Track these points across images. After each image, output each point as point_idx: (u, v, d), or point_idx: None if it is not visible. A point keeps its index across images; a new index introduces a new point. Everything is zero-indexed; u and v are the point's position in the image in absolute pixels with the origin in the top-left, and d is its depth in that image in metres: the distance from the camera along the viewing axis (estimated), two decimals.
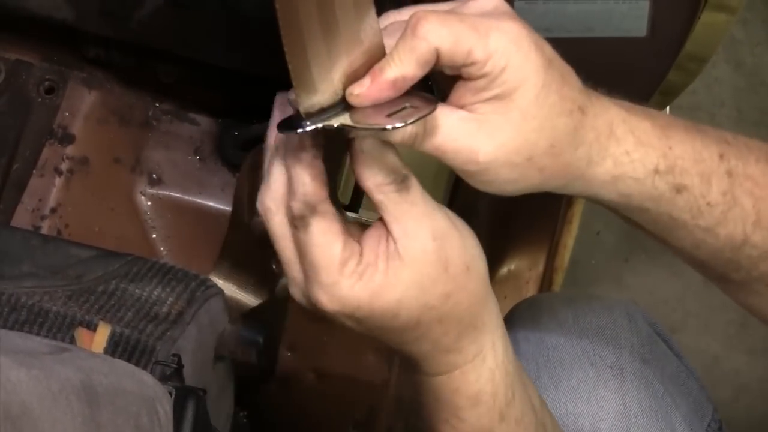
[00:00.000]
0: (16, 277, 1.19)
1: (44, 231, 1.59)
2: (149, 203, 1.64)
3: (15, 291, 1.15)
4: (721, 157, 0.88)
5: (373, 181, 0.78)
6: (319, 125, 0.75)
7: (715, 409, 1.27)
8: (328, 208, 0.79)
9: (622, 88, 0.86)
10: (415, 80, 0.77)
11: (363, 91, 0.76)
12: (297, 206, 0.79)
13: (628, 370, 1.21)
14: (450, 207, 1.27)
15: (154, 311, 1.19)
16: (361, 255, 0.80)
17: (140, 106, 1.67)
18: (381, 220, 0.80)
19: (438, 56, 0.77)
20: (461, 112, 0.79)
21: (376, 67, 0.76)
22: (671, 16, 1.13)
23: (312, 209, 0.78)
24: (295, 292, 0.84)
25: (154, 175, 1.65)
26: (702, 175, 0.86)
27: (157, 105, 1.67)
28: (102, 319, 1.14)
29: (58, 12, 1.43)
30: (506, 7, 0.82)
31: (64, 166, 1.63)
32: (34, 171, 1.62)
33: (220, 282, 1.32)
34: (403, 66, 0.76)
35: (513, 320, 1.31)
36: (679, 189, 0.86)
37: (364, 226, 0.82)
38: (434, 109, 0.76)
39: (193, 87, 1.64)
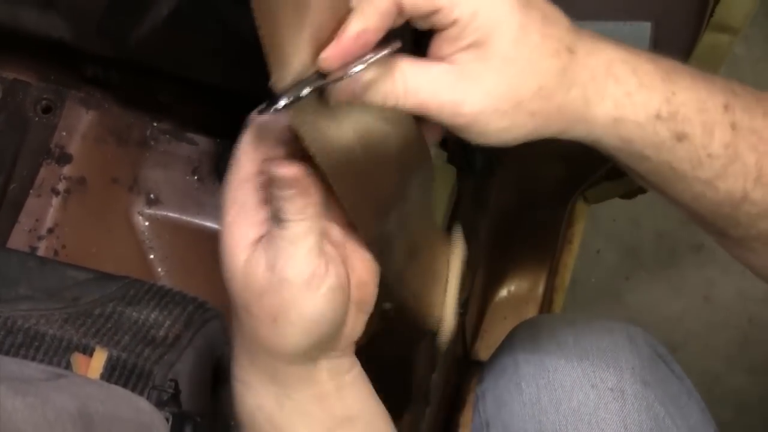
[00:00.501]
0: (12, 299, 1.19)
1: (41, 252, 1.58)
2: (147, 223, 1.64)
3: (11, 314, 1.15)
4: (726, 107, 0.85)
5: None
6: (291, 98, 0.73)
7: (717, 430, 1.26)
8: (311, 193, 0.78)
9: None
10: (380, 33, 0.75)
11: (329, 52, 0.74)
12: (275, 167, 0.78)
13: (629, 393, 1.20)
14: (449, 228, 1.27)
15: (152, 335, 1.18)
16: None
17: (138, 126, 1.66)
18: None
19: (401, 6, 0.75)
20: (441, 65, 0.78)
21: (341, 27, 0.74)
22: (673, 38, 1.13)
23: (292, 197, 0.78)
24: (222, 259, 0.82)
25: (152, 195, 1.64)
26: (704, 125, 0.84)
27: (155, 124, 1.66)
28: (99, 343, 1.14)
29: (55, 31, 1.42)
30: None
31: (61, 186, 1.62)
32: (30, 191, 1.62)
33: None
34: (365, 18, 0.74)
35: (513, 342, 1.30)
36: (680, 137, 0.83)
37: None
38: (396, 47, 0.75)
39: (192, 107, 1.63)
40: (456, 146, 1.44)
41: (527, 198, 1.62)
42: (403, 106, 0.77)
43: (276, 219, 0.77)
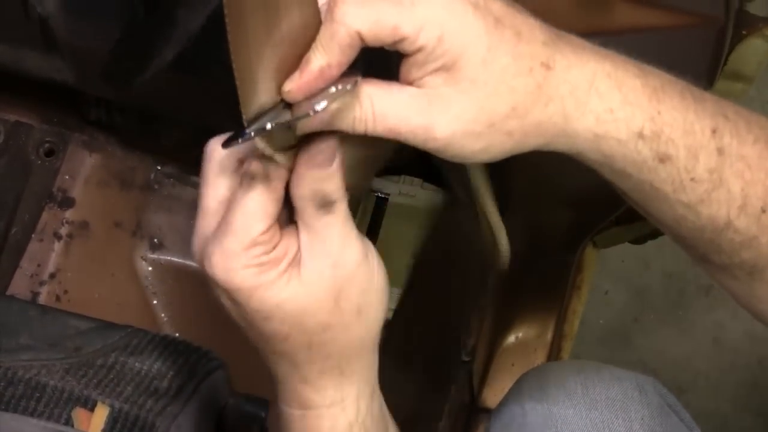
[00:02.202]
0: (13, 349, 1.18)
1: (43, 297, 1.57)
2: (150, 268, 1.63)
3: (12, 364, 1.14)
4: (714, 132, 0.83)
5: (298, 192, 0.76)
6: (257, 128, 0.73)
7: None
8: (279, 186, 0.77)
9: None
10: (343, 66, 0.74)
11: (293, 86, 0.73)
12: (256, 165, 0.76)
13: None
14: None
15: (154, 386, 1.17)
16: (274, 248, 0.77)
17: (142, 169, 1.65)
18: None
19: (362, 38, 0.73)
20: (410, 89, 0.76)
21: (304, 58, 0.74)
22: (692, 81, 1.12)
23: (265, 177, 0.76)
24: (195, 244, 0.82)
25: (155, 240, 1.63)
26: (689, 149, 0.82)
27: (159, 168, 1.66)
28: (100, 395, 1.13)
29: (58, 74, 1.42)
30: None
31: (63, 231, 1.62)
32: (33, 235, 1.61)
33: None
34: (327, 53, 0.73)
35: (521, 390, 1.29)
36: (662, 158, 0.82)
37: None
38: (355, 83, 0.74)
39: (196, 150, 1.61)
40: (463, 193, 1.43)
41: (536, 244, 1.61)
42: (373, 131, 0.76)
43: (322, 208, 0.76)
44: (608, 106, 0.80)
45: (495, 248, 1.17)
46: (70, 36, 1.33)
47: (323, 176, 0.76)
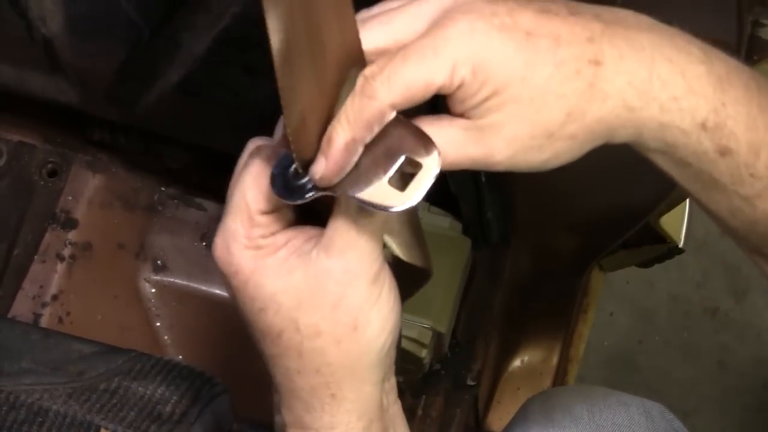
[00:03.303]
0: (15, 373, 1.18)
1: (45, 319, 1.57)
2: (153, 290, 1.62)
3: (14, 389, 1.14)
4: None
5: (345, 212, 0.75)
6: (322, 193, 0.71)
7: None
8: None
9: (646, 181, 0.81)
10: (368, 140, 0.72)
11: (323, 172, 0.71)
12: (262, 147, 0.76)
13: None
14: (464, 300, 1.25)
15: (158, 411, 1.17)
16: (275, 233, 0.75)
17: (145, 191, 1.65)
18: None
19: (395, 108, 0.72)
20: (461, 121, 0.75)
21: (325, 138, 0.72)
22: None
23: (268, 157, 0.75)
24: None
25: (158, 262, 1.63)
26: (751, 145, 0.80)
27: (163, 189, 1.66)
28: (104, 419, 1.12)
29: (63, 95, 1.42)
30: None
31: (66, 252, 1.61)
32: (35, 256, 1.61)
33: None
34: (352, 128, 0.72)
35: (526, 415, 1.29)
36: (723, 152, 0.79)
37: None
38: (438, 164, 0.71)
39: (200, 172, 1.62)
40: (471, 218, 1.43)
41: (542, 269, 1.61)
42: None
43: (362, 210, 0.74)
44: (672, 94, 0.77)
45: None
46: (74, 57, 1.33)
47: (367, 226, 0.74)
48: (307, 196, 0.72)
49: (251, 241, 0.75)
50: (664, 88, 0.77)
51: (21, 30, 1.30)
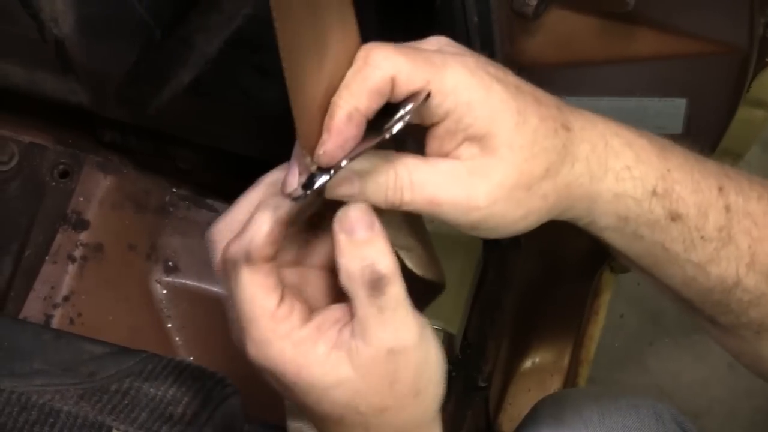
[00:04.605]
0: (26, 374, 1.18)
1: (56, 320, 1.57)
2: (165, 292, 1.62)
3: (25, 389, 1.13)
4: (720, 190, 0.83)
5: (346, 270, 0.73)
6: (324, 179, 0.71)
7: None
8: (263, 266, 0.74)
9: None
10: (370, 114, 0.72)
11: (327, 146, 0.71)
12: (232, 249, 0.74)
13: None
14: (475, 301, 1.25)
15: (169, 411, 1.17)
16: (305, 321, 0.75)
17: (157, 192, 1.65)
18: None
19: (393, 85, 0.72)
20: (446, 161, 0.75)
21: (327, 116, 0.72)
22: (709, 114, 1.12)
23: (246, 258, 0.73)
24: (233, 331, 0.78)
25: (170, 263, 1.63)
26: (699, 207, 0.82)
27: (174, 190, 1.66)
28: (115, 420, 1.12)
29: (74, 96, 1.42)
30: (457, 45, 0.78)
31: (77, 253, 1.62)
32: (46, 257, 1.61)
33: None
34: (354, 98, 0.71)
35: (536, 417, 1.29)
36: (674, 217, 0.81)
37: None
38: (427, 97, 0.72)
39: (212, 173, 1.62)
40: None
41: (553, 270, 1.60)
42: (410, 203, 0.74)
43: (373, 290, 0.73)
44: (625, 164, 0.80)
45: None
46: (85, 58, 1.33)
47: (366, 240, 0.73)
48: (316, 185, 0.71)
49: (286, 338, 0.74)
50: (618, 158, 0.80)
51: (33, 31, 1.30)
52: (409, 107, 0.72)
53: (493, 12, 1.09)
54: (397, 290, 0.74)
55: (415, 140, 0.77)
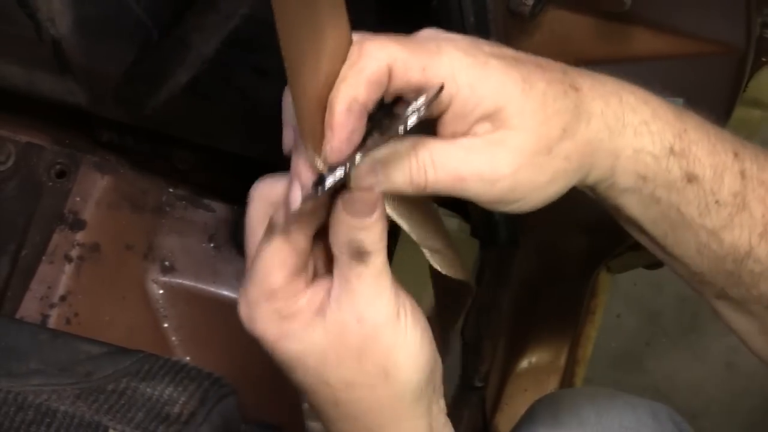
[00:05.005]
0: (23, 374, 1.18)
1: (53, 319, 1.57)
2: (161, 292, 1.62)
3: (22, 389, 1.13)
4: (736, 155, 0.83)
5: (335, 239, 0.74)
6: (334, 178, 0.71)
7: None
8: (299, 239, 0.75)
9: None
10: (369, 104, 0.72)
11: (331, 143, 0.71)
12: (278, 214, 0.75)
13: None
14: (472, 301, 1.23)
15: (166, 411, 1.16)
16: (297, 298, 0.75)
17: (154, 192, 1.65)
18: None
19: (390, 75, 0.72)
20: (464, 138, 0.75)
21: (327, 114, 0.71)
22: (705, 114, 1.12)
23: (285, 228, 0.74)
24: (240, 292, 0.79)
25: (166, 263, 1.63)
26: (715, 169, 0.82)
27: (171, 190, 1.65)
28: (111, 420, 1.12)
29: (71, 96, 1.42)
30: (447, 34, 0.78)
31: (74, 253, 1.61)
32: (43, 257, 1.61)
33: None
34: (352, 88, 0.71)
35: (533, 417, 1.29)
36: (690, 178, 0.81)
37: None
38: (440, 90, 0.72)
39: (209, 173, 1.62)
40: (479, 219, 1.42)
41: (550, 270, 1.60)
42: (435, 182, 0.74)
43: (355, 257, 0.73)
44: (642, 118, 0.79)
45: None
46: (83, 58, 1.33)
47: (360, 226, 0.73)
48: (327, 184, 0.71)
49: (273, 310, 0.75)
50: (634, 113, 0.79)
51: (30, 31, 1.30)
52: (421, 100, 0.72)
53: (490, 12, 1.08)
54: (380, 264, 0.74)
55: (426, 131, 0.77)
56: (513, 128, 0.74)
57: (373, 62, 0.72)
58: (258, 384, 1.42)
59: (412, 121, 0.72)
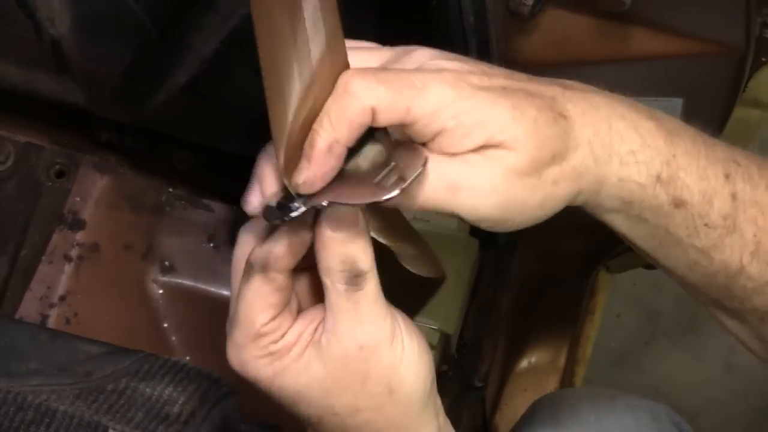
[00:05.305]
0: (23, 374, 1.17)
1: (52, 319, 1.57)
2: (161, 292, 1.62)
3: (21, 389, 1.13)
4: (727, 177, 0.82)
5: (325, 264, 0.73)
6: (303, 209, 0.70)
7: None
8: (277, 277, 0.74)
9: None
10: (351, 143, 0.71)
11: (306, 176, 0.70)
12: (255, 254, 0.75)
13: None
14: (471, 301, 1.24)
15: (165, 411, 1.16)
16: (284, 335, 0.75)
17: (153, 192, 1.65)
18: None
19: (374, 116, 0.71)
20: (454, 160, 0.74)
21: (307, 143, 0.71)
22: (705, 113, 1.12)
23: (263, 267, 0.74)
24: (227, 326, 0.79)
25: (166, 263, 1.63)
26: (704, 194, 0.81)
27: (171, 190, 1.65)
28: (111, 420, 1.12)
29: (70, 96, 1.42)
30: (441, 55, 0.78)
31: (73, 253, 1.61)
32: (42, 257, 1.60)
33: None
34: (335, 129, 0.70)
35: (533, 418, 1.29)
36: (677, 204, 0.81)
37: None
38: (425, 162, 0.71)
39: (208, 172, 1.62)
40: None
41: (549, 270, 1.60)
42: (432, 194, 0.73)
43: (350, 283, 0.73)
44: (630, 148, 0.79)
45: None
46: (82, 58, 1.33)
47: (349, 239, 0.73)
48: (293, 214, 0.70)
49: (262, 350, 0.75)
50: (623, 142, 0.79)
51: (29, 31, 1.30)
52: (399, 182, 0.70)
53: (489, 12, 1.08)
54: (373, 286, 0.74)
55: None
56: (508, 148, 0.74)
57: (357, 104, 0.71)
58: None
59: (392, 195, 0.70)
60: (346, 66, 0.73)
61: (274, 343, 0.75)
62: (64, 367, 1.20)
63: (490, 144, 0.73)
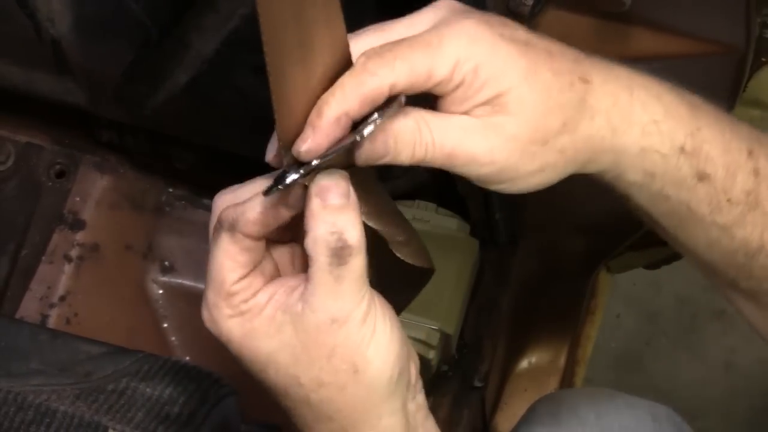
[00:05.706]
0: (23, 374, 1.17)
1: (53, 319, 1.57)
2: (161, 292, 1.62)
3: (22, 389, 1.13)
4: (750, 153, 0.82)
5: (313, 234, 0.73)
6: (295, 176, 0.71)
7: None
8: (243, 239, 0.74)
9: None
10: (358, 118, 0.72)
11: (309, 144, 0.70)
12: (226, 213, 0.75)
13: None
14: (471, 301, 1.23)
15: (165, 411, 1.16)
16: (256, 294, 0.75)
17: (153, 192, 1.65)
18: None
19: (395, 90, 0.72)
20: (463, 117, 0.75)
21: (313, 112, 0.71)
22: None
23: (231, 226, 0.74)
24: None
25: (166, 263, 1.63)
26: (727, 168, 0.81)
27: (171, 190, 1.65)
28: (111, 420, 1.12)
29: (71, 96, 1.42)
30: (460, 6, 0.78)
31: (74, 253, 1.61)
32: (42, 257, 1.60)
33: None
34: (347, 102, 0.71)
35: (533, 417, 1.29)
36: (701, 176, 0.80)
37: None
38: (400, 104, 0.72)
39: (208, 172, 1.62)
40: (479, 219, 1.42)
41: (550, 270, 1.60)
42: (432, 158, 0.74)
43: (336, 256, 0.73)
44: (652, 117, 0.78)
45: None
46: (82, 58, 1.33)
47: (337, 209, 0.73)
48: (287, 181, 0.71)
49: (233, 309, 0.75)
50: (645, 111, 0.78)
51: (29, 31, 1.30)
52: (376, 115, 0.71)
53: (489, 11, 1.08)
54: (359, 263, 0.74)
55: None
56: (511, 114, 0.74)
57: (375, 80, 0.71)
58: (258, 384, 1.42)
59: (368, 130, 0.71)
60: (346, 43, 0.73)
61: (244, 302, 0.75)
62: (64, 367, 1.20)
63: (498, 103, 0.74)
